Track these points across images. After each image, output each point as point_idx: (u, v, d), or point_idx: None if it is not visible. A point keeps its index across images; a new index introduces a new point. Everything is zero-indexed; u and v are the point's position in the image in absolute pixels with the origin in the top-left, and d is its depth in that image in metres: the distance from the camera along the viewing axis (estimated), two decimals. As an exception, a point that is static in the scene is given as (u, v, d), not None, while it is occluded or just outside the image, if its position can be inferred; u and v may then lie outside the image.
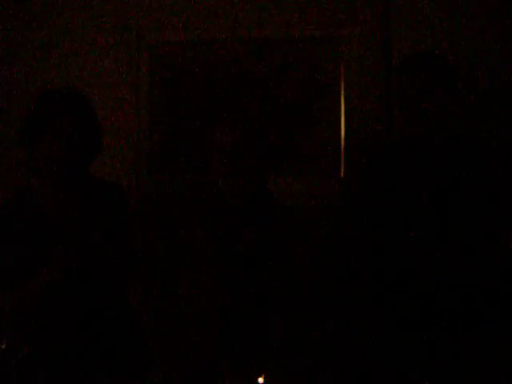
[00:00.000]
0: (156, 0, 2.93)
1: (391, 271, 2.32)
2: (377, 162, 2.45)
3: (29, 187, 2.25)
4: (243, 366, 1.93)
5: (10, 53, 2.99)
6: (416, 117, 2.26)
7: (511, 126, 2.70)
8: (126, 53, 2.93)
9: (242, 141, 2.21)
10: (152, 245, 2.86)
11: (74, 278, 2.12)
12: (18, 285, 2.12)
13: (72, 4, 2.96)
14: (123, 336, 2.22)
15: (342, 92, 2.88)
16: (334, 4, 2.83)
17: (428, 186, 2.31)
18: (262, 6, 2.87)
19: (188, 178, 2.94)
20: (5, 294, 2.15)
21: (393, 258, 2.32)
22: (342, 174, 2.90)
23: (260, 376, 1.72)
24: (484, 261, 2.26)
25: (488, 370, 2.17)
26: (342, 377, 2.15)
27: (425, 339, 2.22)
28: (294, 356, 2.09)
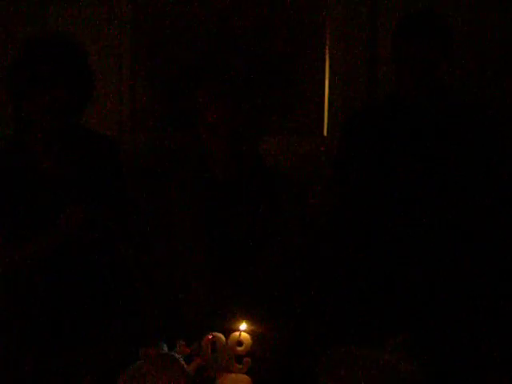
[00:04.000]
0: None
1: (377, 233, 2.33)
2: (360, 119, 2.45)
3: (19, 140, 2.20)
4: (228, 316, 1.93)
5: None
6: (413, 76, 2.25)
7: (506, 85, 2.71)
8: (108, 6, 2.87)
9: (234, 111, 1.97)
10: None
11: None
12: (15, 244, 2.10)
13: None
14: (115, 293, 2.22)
15: (327, 50, 2.85)
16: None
17: (413, 146, 2.31)
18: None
19: (172, 138, 2.91)
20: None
21: (378, 219, 2.33)
22: (325, 133, 2.89)
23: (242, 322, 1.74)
24: (469, 221, 2.28)
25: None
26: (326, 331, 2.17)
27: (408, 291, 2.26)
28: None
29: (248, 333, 1.74)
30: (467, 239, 2.29)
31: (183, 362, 1.66)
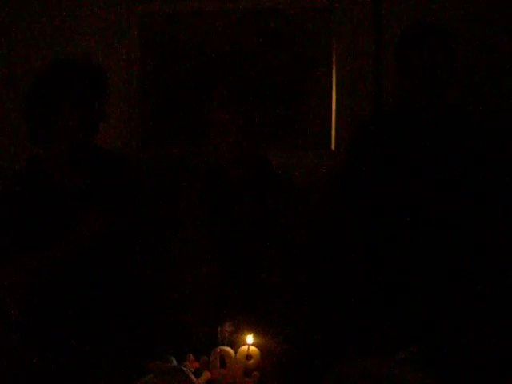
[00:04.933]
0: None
1: (382, 247, 2.33)
2: (366, 133, 2.46)
3: (38, 158, 2.26)
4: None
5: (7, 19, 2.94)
6: (420, 88, 2.26)
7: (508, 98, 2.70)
8: (116, 24, 2.90)
9: (243, 118, 2.14)
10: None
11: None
12: (29, 255, 2.13)
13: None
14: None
15: (334, 65, 2.87)
16: (325, -25, 2.82)
17: (418, 160, 2.32)
18: (254, -23, 2.85)
19: (181, 151, 2.93)
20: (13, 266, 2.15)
21: (388, 231, 2.33)
22: (332, 148, 2.90)
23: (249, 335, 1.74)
24: (474, 233, 2.28)
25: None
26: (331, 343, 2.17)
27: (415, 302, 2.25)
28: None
29: (256, 346, 1.73)
30: (480, 251, 2.28)
31: (192, 376, 1.66)
